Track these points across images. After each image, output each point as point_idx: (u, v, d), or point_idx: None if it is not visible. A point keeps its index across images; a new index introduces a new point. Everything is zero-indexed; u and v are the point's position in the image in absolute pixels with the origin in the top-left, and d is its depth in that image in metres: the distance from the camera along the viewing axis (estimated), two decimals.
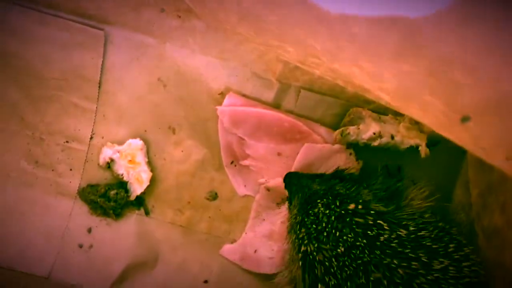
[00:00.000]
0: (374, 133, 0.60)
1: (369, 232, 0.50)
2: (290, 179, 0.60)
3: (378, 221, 0.51)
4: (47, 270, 0.64)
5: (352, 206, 0.53)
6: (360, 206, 0.52)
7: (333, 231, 0.52)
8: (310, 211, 0.54)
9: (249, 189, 0.68)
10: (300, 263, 0.52)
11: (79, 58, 0.65)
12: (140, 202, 0.67)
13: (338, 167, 0.61)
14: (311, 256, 0.52)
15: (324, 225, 0.52)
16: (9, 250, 0.64)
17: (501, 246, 0.55)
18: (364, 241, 0.50)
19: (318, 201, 0.54)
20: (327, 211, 0.53)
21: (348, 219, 0.52)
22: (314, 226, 0.53)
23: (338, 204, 0.53)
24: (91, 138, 0.66)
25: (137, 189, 0.66)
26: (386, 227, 0.51)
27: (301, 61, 0.53)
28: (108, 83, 0.66)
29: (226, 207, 0.68)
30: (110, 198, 0.65)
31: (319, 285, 0.50)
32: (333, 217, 0.52)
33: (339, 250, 0.50)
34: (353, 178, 0.60)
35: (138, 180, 0.66)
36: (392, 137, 0.60)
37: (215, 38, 0.64)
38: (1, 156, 0.65)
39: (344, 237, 0.51)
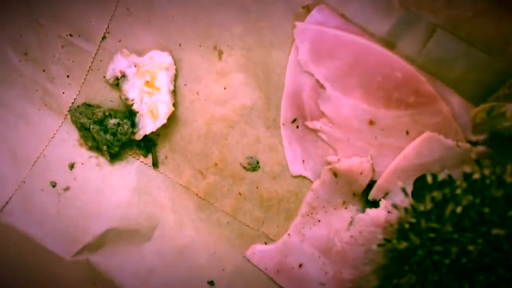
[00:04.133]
0: None
1: None
2: None
3: None
4: None
5: None
6: None
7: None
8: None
9: (308, 168, 0.56)
10: None
11: None
12: (148, 145, 0.58)
13: (463, 172, 0.45)
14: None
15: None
16: None
17: None
18: None
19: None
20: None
21: None
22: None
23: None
24: (103, 37, 0.56)
25: (148, 124, 0.56)
26: None
27: None
28: None
29: (267, 185, 0.57)
30: (108, 128, 0.55)
31: None
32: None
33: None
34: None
35: (152, 112, 0.56)
36: None
37: None
38: None
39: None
